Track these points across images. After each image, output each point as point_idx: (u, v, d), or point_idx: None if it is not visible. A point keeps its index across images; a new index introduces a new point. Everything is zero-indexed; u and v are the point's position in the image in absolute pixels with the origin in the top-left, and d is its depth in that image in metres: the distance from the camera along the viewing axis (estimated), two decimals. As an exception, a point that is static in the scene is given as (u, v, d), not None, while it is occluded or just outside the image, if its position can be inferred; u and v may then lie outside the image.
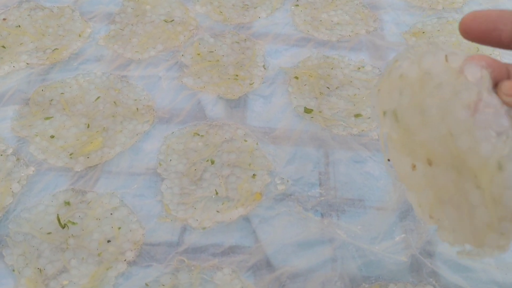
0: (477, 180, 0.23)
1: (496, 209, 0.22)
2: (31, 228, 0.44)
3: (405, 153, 0.27)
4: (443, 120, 0.23)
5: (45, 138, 0.51)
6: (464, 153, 0.23)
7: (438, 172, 0.25)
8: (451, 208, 0.25)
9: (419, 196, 0.27)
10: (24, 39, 0.62)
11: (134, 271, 0.43)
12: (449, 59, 0.24)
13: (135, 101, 0.56)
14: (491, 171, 0.22)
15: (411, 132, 0.26)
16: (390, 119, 0.27)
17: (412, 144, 0.26)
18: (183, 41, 0.63)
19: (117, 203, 0.47)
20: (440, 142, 0.24)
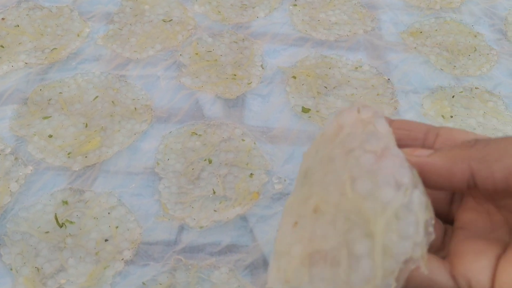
0: (369, 228, 0.21)
1: (384, 261, 0.20)
2: (29, 227, 0.44)
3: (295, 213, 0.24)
4: (346, 165, 0.22)
5: (43, 138, 0.51)
6: (361, 198, 0.21)
7: (321, 220, 0.22)
8: (323, 265, 0.22)
9: (282, 260, 0.24)
10: (22, 39, 0.62)
11: (131, 270, 0.43)
12: (361, 111, 0.24)
13: (133, 101, 0.56)
14: (388, 218, 0.21)
15: (312, 185, 0.24)
16: (301, 179, 0.25)
17: (306, 197, 0.24)
18: (182, 40, 0.63)
19: (115, 202, 0.47)
20: (336, 187, 0.22)
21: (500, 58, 0.65)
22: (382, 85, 0.60)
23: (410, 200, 0.21)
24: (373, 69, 0.62)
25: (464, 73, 0.63)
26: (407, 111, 0.57)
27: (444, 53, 0.65)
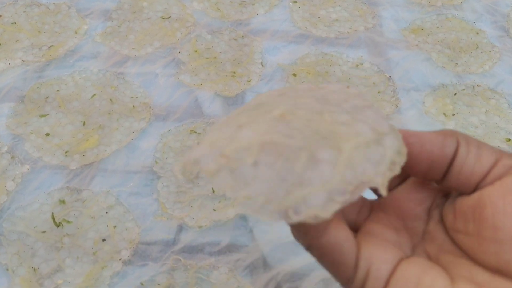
0: (338, 143, 0.20)
1: (345, 171, 0.20)
2: (25, 227, 0.44)
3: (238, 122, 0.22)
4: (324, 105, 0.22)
5: (40, 136, 0.51)
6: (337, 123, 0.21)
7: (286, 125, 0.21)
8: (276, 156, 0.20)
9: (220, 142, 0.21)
10: (19, 36, 0.61)
11: (129, 270, 0.42)
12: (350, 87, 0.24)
13: (132, 98, 0.55)
14: (359, 142, 0.21)
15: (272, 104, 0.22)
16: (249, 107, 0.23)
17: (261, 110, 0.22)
18: (180, 38, 0.63)
19: (113, 201, 0.46)
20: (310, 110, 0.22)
21: (503, 55, 0.64)
22: (383, 83, 0.59)
23: (383, 139, 0.21)
24: (374, 66, 0.61)
25: (466, 70, 0.62)
26: (408, 109, 0.57)
27: (446, 50, 0.64)
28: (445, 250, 0.24)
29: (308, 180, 0.20)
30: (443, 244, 0.24)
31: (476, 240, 0.22)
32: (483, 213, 0.22)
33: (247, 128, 0.21)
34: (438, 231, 0.25)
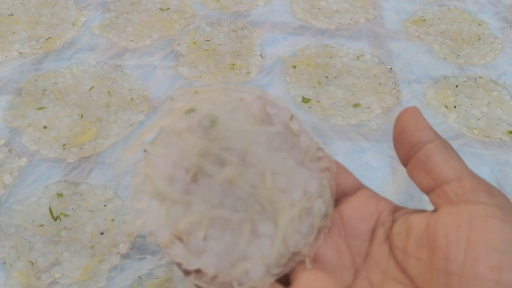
0: (276, 217, 0.23)
1: (281, 246, 0.23)
2: (23, 220, 0.43)
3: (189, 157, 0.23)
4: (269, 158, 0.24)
5: (37, 129, 0.50)
6: (277, 190, 0.24)
7: (234, 192, 0.23)
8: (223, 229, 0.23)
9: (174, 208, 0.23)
10: (16, 28, 0.60)
11: (127, 263, 0.42)
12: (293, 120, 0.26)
13: (130, 91, 0.55)
14: (293, 214, 0.23)
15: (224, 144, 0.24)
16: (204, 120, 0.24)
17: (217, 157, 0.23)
18: (179, 29, 0.62)
19: (111, 194, 0.46)
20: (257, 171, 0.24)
21: (505, 47, 0.64)
22: (384, 75, 0.58)
23: (312, 206, 0.24)
24: (375, 58, 0.60)
25: (468, 62, 0.61)
26: (409, 101, 0.56)
27: (447, 42, 0.63)
28: (390, 276, 0.23)
29: (250, 253, 0.23)
30: (387, 269, 0.23)
31: (427, 268, 0.21)
32: (436, 241, 0.21)
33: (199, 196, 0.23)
34: (383, 253, 0.24)
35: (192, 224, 0.22)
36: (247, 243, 0.23)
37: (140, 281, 0.41)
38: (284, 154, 0.24)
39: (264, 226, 0.23)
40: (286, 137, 0.25)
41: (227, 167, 0.23)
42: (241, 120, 0.24)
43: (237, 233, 0.23)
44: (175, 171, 0.23)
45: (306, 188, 0.24)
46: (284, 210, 0.23)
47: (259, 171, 0.23)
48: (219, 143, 0.23)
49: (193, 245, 0.22)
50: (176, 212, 0.22)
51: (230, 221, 0.23)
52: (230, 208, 0.23)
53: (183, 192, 0.23)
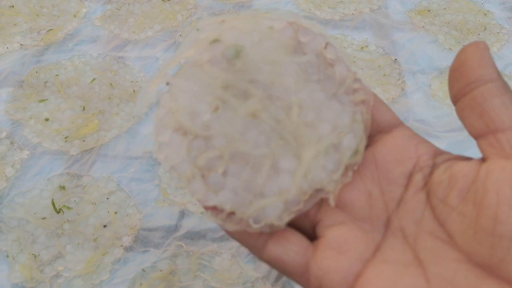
0: (299, 151, 0.22)
1: (302, 181, 0.22)
2: (25, 213, 0.43)
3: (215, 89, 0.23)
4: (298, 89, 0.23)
5: (39, 121, 0.50)
6: (303, 124, 0.22)
7: (256, 126, 0.22)
8: (243, 165, 0.22)
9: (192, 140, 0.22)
10: (17, 20, 0.60)
11: (131, 256, 0.42)
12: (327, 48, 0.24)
13: (132, 83, 0.54)
14: (319, 149, 0.22)
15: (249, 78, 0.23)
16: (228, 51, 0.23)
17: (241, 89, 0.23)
18: (181, 20, 0.61)
19: (114, 187, 0.46)
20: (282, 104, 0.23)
21: (511, 37, 0.63)
22: (389, 66, 0.58)
23: (341, 142, 0.23)
24: (379, 49, 0.60)
25: (474, 52, 0.60)
26: (414, 92, 0.55)
27: (453, 32, 0.63)
28: (424, 229, 0.21)
29: (269, 190, 0.22)
30: (422, 219, 0.21)
31: (471, 226, 0.19)
32: (485, 198, 0.19)
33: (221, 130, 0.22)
34: (418, 201, 0.22)
35: (212, 159, 0.22)
36: (266, 179, 0.22)
37: (144, 274, 0.41)
38: (314, 86, 0.23)
39: (285, 161, 0.22)
40: (319, 67, 0.23)
41: (250, 100, 0.22)
42: (268, 50, 0.23)
43: (256, 169, 0.22)
44: (197, 105, 0.22)
45: (335, 123, 0.23)
46: (309, 145, 0.22)
47: (285, 105, 0.22)
48: (243, 75, 0.23)
49: (212, 181, 0.22)
50: (197, 146, 0.22)
51: (251, 156, 0.22)
52: (251, 143, 0.22)
53: (204, 127, 0.22)
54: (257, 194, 0.22)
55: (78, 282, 0.40)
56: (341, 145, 0.23)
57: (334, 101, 0.23)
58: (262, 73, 0.23)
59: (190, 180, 0.22)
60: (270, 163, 0.22)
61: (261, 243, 0.23)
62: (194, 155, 0.22)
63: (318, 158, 0.22)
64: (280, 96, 0.23)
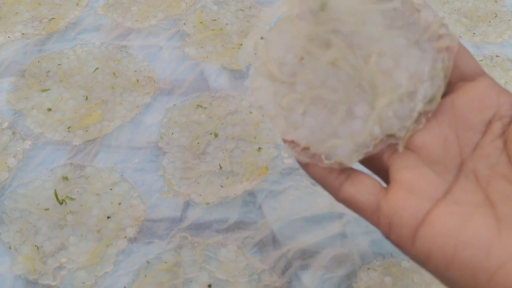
0: (374, 99, 0.24)
1: (373, 127, 0.24)
2: (28, 204, 0.43)
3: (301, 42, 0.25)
4: (380, 38, 0.24)
5: (42, 111, 0.49)
6: (380, 72, 0.24)
7: (335, 74, 0.25)
8: (321, 108, 0.25)
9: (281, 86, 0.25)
10: (19, 9, 0.59)
11: (135, 248, 0.41)
12: None
13: (135, 72, 0.53)
14: (393, 97, 0.24)
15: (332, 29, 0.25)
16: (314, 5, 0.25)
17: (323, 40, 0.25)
18: (185, 9, 0.60)
19: (117, 178, 0.45)
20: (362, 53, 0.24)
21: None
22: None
23: (416, 90, 0.24)
24: (387, 37, 0.58)
25: (484, 40, 0.59)
26: (423, 81, 0.54)
27: (463, 20, 0.61)
28: (499, 173, 0.21)
29: (341, 131, 0.24)
30: (497, 164, 0.22)
31: None
32: None
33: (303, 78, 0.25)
34: (495, 147, 0.22)
35: (293, 101, 0.25)
36: (340, 122, 0.24)
37: (148, 266, 0.40)
38: (397, 32, 0.24)
39: (359, 108, 0.24)
40: (404, 13, 0.24)
41: (330, 50, 0.24)
42: (353, 0, 0.24)
43: (332, 112, 0.24)
44: (285, 55, 0.25)
45: (414, 71, 0.24)
46: (383, 94, 0.24)
47: (365, 53, 0.24)
48: (326, 27, 0.24)
49: (291, 119, 0.25)
50: (282, 90, 0.25)
51: (328, 101, 0.24)
52: (330, 89, 0.24)
53: (290, 74, 0.25)
54: (331, 134, 0.24)
55: (81, 273, 0.39)
56: (417, 93, 0.24)
57: (416, 48, 0.24)
58: (345, 23, 0.24)
59: (273, 117, 0.25)
60: (345, 108, 0.24)
61: (338, 183, 0.25)
62: (279, 97, 0.25)
63: (391, 106, 0.24)
64: (361, 44, 0.24)
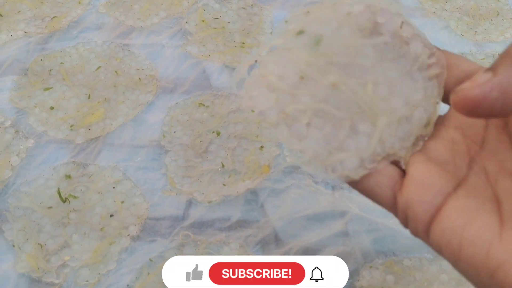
0: (375, 119, 0.25)
1: (377, 144, 0.25)
2: (31, 202, 0.43)
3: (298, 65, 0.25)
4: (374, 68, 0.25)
5: (44, 110, 0.49)
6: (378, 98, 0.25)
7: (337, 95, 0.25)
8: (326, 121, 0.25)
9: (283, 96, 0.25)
10: (21, 7, 0.59)
11: (138, 246, 0.41)
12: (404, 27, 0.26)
13: (138, 71, 0.54)
14: (392, 119, 0.25)
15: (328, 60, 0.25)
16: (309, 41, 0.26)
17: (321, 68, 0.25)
18: (187, 7, 0.60)
19: (120, 176, 0.45)
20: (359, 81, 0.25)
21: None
22: (399, 52, 0.57)
23: (412, 115, 0.25)
24: (389, 35, 0.58)
25: (486, 38, 0.59)
26: (425, 80, 0.54)
27: (464, 18, 0.61)
28: (507, 169, 0.22)
29: (347, 146, 0.25)
30: (504, 160, 0.22)
31: None
32: None
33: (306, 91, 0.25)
34: (501, 142, 0.23)
35: (298, 111, 0.25)
36: (346, 136, 0.25)
37: (151, 264, 0.40)
38: (389, 64, 0.25)
39: (363, 125, 0.25)
40: (394, 46, 0.25)
41: (331, 74, 0.25)
42: (345, 35, 0.25)
43: (337, 127, 0.25)
44: (285, 72, 0.25)
45: (408, 98, 0.25)
46: (383, 115, 0.25)
47: (362, 82, 0.25)
48: (323, 58, 0.25)
49: (296, 130, 0.25)
50: (285, 99, 0.25)
51: (332, 116, 0.25)
52: (333, 106, 0.25)
53: (291, 87, 0.25)
54: (336, 148, 0.25)
55: (84, 271, 0.40)
56: (413, 117, 0.25)
57: (407, 78, 0.25)
58: (340, 56, 0.25)
59: (275, 126, 0.25)
60: (349, 124, 0.25)
61: None
62: (281, 105, 0.25)
63: (391, 127, 0.25)
64: (356, 74, 0.25)
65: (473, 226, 0.21)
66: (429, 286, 0.40)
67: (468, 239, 0.21)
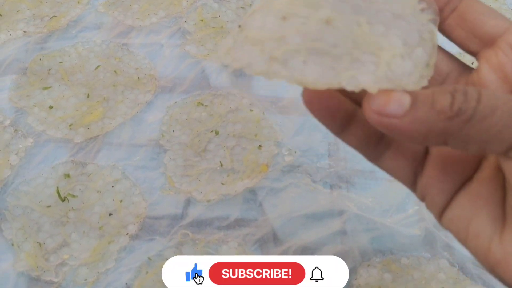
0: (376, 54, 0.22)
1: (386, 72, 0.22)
2: (30, 201, 0.43)
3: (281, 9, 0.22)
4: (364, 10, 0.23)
5: (43, 109, 0.49)
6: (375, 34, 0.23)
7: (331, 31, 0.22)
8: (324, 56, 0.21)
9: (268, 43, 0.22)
10: (21, 6, 0.59)
11: (136, 245, 0.42)
12: None
13: (137, 70, 0.54)
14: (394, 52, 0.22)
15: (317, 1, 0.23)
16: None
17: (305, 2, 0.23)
18: (186, 6, 0.60)
19: (119, 175, 0.45)
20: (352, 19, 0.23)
21: None
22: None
23: (413, 52, 0.23)
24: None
25: (484, 38, 0.59)
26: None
27: (463, 18, 0.61)
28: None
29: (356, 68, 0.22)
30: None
31: None
32: None
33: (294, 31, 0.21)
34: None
35: (288, 52, 0.21)
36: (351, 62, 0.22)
37: (150, 262, 0.40)
38: (380, 6, 0.24)
39: (366, 57, 0.22)
40: None
41: (323, 9, 0.22)
42: None
43: (338, 61, 0.22)
44: (265, 20, 0.22)
45: (405, 37, 0.23)
46: (385, 49, 0.22)
47: (356, 20, 0.22)
48: None
49: (293, 65, 0.21)
50: (270, 45, 0.21)
51: (330, 53, 0.22)
52: (329, 43, 0.22)
53: (274, 31, 0.22)
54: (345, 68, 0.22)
55: (83, 270, 0.40)
56: (413, 55, 0.23)
57: (401, 20, 0.24)
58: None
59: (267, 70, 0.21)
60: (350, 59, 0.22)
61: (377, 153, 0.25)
62: (268, 51, 0.21)
63: (395, 59, 0.22)
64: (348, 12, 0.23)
65: (479, 219, 0.22)
66: (426, 284, 0.40)
67: (474, 232, 0.22)
